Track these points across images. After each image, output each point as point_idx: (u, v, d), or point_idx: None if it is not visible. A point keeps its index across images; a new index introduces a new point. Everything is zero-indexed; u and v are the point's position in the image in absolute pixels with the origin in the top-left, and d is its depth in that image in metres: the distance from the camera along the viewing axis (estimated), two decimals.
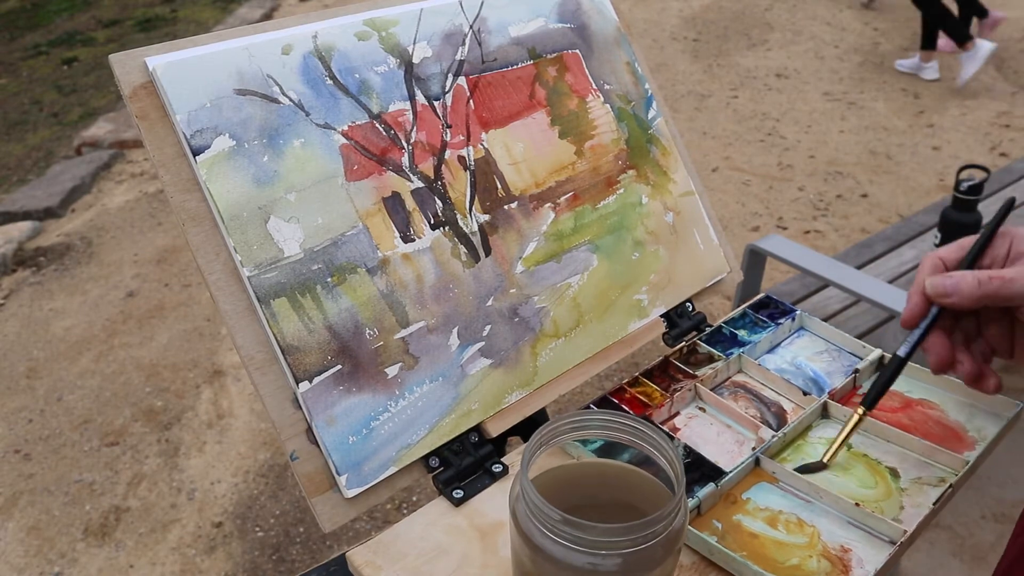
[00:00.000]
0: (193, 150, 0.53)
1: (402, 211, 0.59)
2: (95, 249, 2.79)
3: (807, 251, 1.49)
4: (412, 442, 0.56)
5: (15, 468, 1.90)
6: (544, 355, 0.63)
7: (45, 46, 4.92)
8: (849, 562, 0.52)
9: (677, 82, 3.79)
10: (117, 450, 1.93)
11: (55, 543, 1.69)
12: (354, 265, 0.57)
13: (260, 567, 1.61)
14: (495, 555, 0.53)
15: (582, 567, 0.41)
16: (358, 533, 1.64)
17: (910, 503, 0.56)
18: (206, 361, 2.20)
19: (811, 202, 2.82)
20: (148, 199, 3.10)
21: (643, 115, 0.74)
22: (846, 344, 0.72)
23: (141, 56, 0.53)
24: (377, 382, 0.56)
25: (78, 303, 2.49)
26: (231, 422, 1.98)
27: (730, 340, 0.72)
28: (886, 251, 1.76)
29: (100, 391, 2.12)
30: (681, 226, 0.74)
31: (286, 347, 0.53)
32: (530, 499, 0.42)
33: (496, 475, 0.59)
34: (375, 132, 0.60)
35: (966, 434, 0.62)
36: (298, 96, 0.57)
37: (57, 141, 3.64)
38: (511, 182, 0.65)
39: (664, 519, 0.41)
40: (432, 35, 0.64)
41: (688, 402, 0.66)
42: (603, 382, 1.88)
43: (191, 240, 0.52)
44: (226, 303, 0.52)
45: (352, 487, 0.54)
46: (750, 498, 0.57)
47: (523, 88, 0.68)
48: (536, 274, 0.64)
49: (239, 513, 1.73)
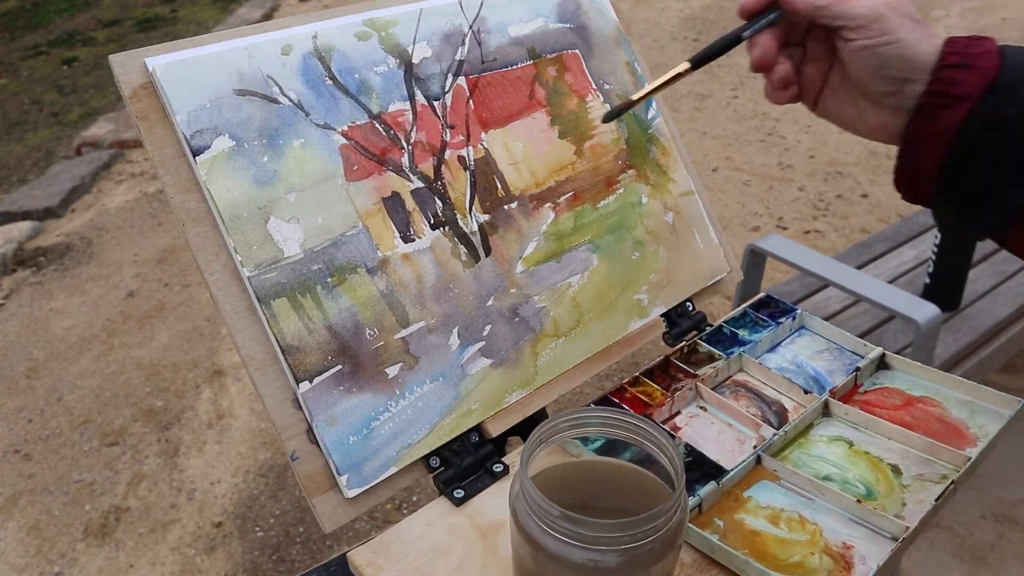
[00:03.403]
0: (193, 150, 0.53)
1: (402, 211, 0.59)
2: (95, 249, 2.79)
3: (807, 251, 1.49)
4: (413, 442, 0.56)
5: (15, 468, 1.90)
6: (544, 355, 0.63)
7: (45, 46, 4.92)
8: (851, 559, 0.52)
9: (677, 82, 3.80)
10: (117, 450, 1.93)
11: (55, 543, 1.69)
12: (354, 265, 0.57)
13: (260, 567, 1.61)
14: (496, 555, 0.53)
15: (582, 563, 0.41)
16: (358, 533, 1.64)
17: (912, 500, 0.56)
18: (206, 361, 2.20)
19: (811, 202, 2.82)
20: (148, 199, 3.10)
21: (643, 115, 0.74)
22: (847, 343, 0.72)
23: (141, 56, 0.53)
24: (377, 382, 0.56)
25: (78, 303, 2.49)
26: (231, 422, 1.98)
27: (731, 339, 0.72)
28: (886, 251, 1.76)
29: (100, 391, 2.12)
30: (681, 226, 0.74)
31: (286, 347, 0.53)
32: (530, 496, 0.42)
33: (497, 475, 0.59)
34: (375, 132, 0.60)
35: (968, 431, 0.62)
36: (298, 96, 0.57)
37: (57, 141, 3.64)
38: (511, 182, 0.65)
39: (664, 515, 0.41)
40: (432, 35, 0.64)
41: (689, 401, 0.66)
42: (603, 382, 1.88)
43: (191, 240, 0.52)
44: (226, 303, 0.52)
45: (352, 487, 0.54)
46: (752, 496, 0.57)
47: (523, 88, 0.68)
48: (536, 274, 0.64)
49: (239, 513, 1.73)
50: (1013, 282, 1.65)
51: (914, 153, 0.49)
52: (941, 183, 0.48)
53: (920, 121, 0.47)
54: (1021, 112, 0.44)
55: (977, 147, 0.46)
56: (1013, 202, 0.46)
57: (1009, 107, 0.44)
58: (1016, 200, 0.46)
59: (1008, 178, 0.46)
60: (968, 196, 0.47)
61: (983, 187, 0.46)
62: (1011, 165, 0.45)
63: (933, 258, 1.53)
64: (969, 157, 0.46)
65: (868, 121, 0.52)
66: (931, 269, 1.54)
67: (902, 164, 0.50)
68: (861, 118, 0.52)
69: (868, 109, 0.51)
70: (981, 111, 0.45)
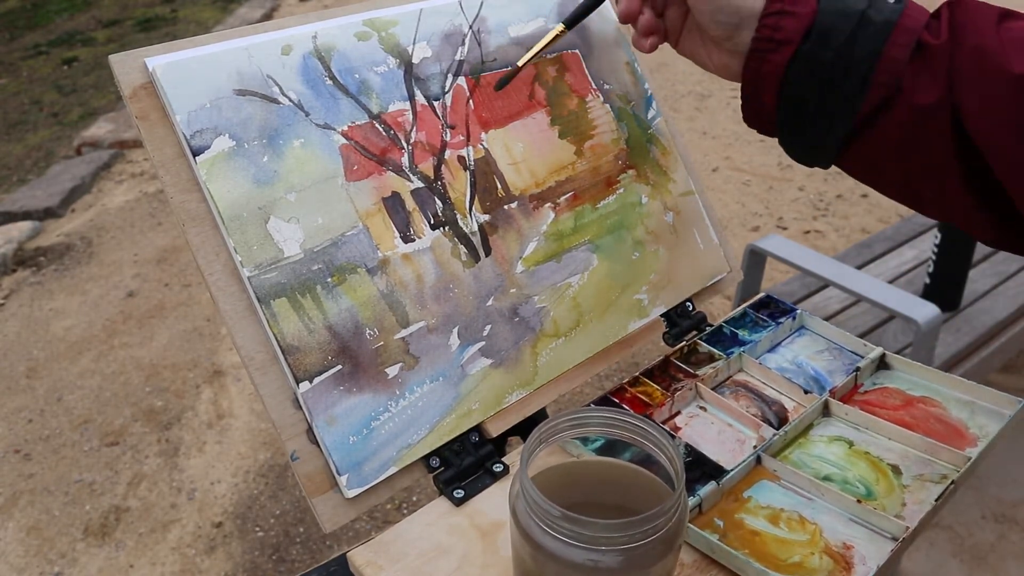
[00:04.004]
0: (193, 150, 0.53)
1: (402, 211, 0.59)
2: (95, 249, 2.79)
3: (807, 251, 1.49)
4: (412, 442, 0.56)
5: (15, 468, 1.90)
6: (544, 355, 0.63)
7: (45, 46, 4.92)
8: (851, 559, 0.52)
9: (677, 82, 3.79)
10: (117, 450, 1.93)
11: (55, 543, 1.69)
12: (354, 265, 0.57)
13: (260, 567, 1.61)
14: (496, 555, 0.53)
15: (582, 563, 0.41)
16: (358, 533, 1.64)
17: (912, 500, 0.56)
18: (206, 361, 2.20)
19: (811, 202, 2.82)
20: (148, 199, 3.10)
21: (643, 115, 0.74)
22: (847, 343, 0.72)
23: (141, 56, 0.53)
24: (377, 382, 0.56)
25: (78, 303, 2.49)
26: (231, 422, 1.98)
27: (731, 339, 0.72)
28: (886, 251, 1.76)
29: (100, 391, 2.12)
30: (681, 226, 0.74)
31: (286, 347, 0.53)
32: (530, 496, 0.42)
33: (497, 475, 0.59)
34: (375, 132, 0.60)
35: (968, 431, 0.62)
36: (298, 96, 0.57)
37: (57, 141, 3.64)
38: (511, 182, 0.65)
39: (664, 515, 0.41)
40: (432, 35, 0.64)
41: (689, 401, 0.66)
42: (603, 382, 1.88)
43: (191, 240, 0.52)
44: (226, 303, 0.52)
45: (352, 487, 0.54)
46: (751, 496, 0.57)
47: (523, 88, 0.68)
48: (536, 274, 0.64)
49: (239, 513, 1.73)
50: (1013, 282, 1.65)
51: (752, 92, 0.54)
52: (779, 120, 0.53)
53: (752, 63, 0.53)
54: (837, 55, 0.49)
55: (802, 87, 0.51)
56: (839, 133, 0.51)
57: (825, 50, 0.49)
58: (842, 131, 0.50)
59: (830, 114, 0.50)
60: (801, 130, 0.53)
61: (813, 122, 0.51)
62: (831, 102, 0.50)
63: (933, 258, 1.53)
64: (797, 96, 0.51)
65: (715, 61, 0.57)
66: (931, 269, 1.54)
67: (745, 102, 0.55)
68: (710, 58, 0.58)
69: (713, 50, 0.57)
70: (801, 54, 0.50)
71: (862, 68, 0.48)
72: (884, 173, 0.52)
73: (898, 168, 0.51)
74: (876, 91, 0.48)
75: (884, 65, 0.48)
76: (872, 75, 0.48)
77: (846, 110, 0.50)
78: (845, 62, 0.48)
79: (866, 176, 0.54)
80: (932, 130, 0.47)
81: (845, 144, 0.52)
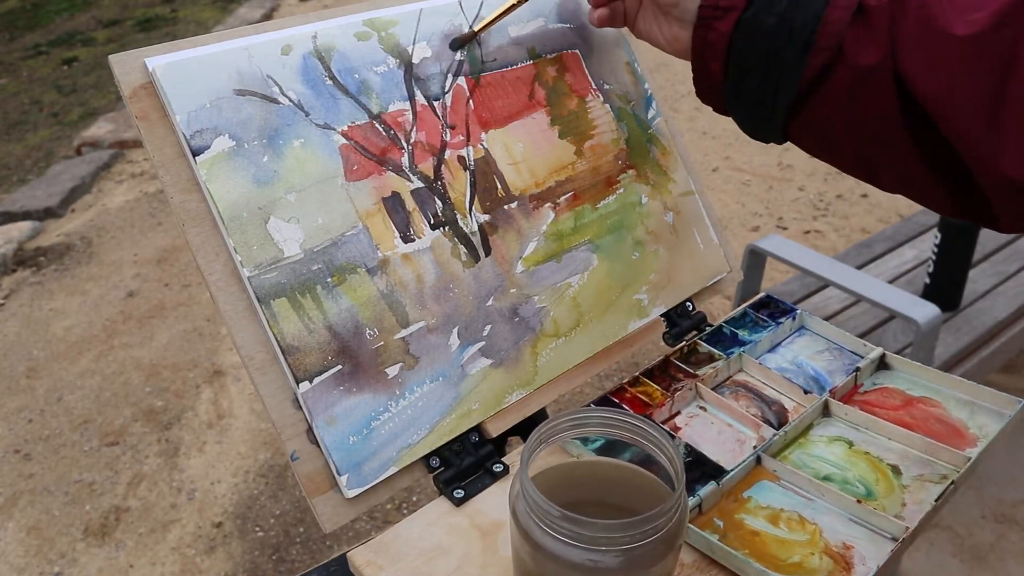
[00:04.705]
0: (193, 150, 0.53)
1: (402, 211, 0.59)
2: (95, 249, 2.79)
3: (807, 251, 1.49)
4: (412, 442, 0.56)
5: (15, 468, 1.90)
6: (544, 355, 0.63)
7: (45, 46, 4.92)
8: (851, 559, 0.52)
9: (677, 82, 3.79)
10: (117, 450, 1.93)
11: (55, 543, 1.69)
12: (354, 265, 0.57)
13: (260, 567, 1.61)
14: (496, 555, 0.53)
15: (582, 564, 0.41)
16: (358, 533, 1.64)
17: (912, 500, 0.56)
18: (206, 361, 2.20)
19: (811, 202, 2.82)
20: (148, 199, 3.10)
21: (643, 115, 0.74)
22: (847, 343, 0.72)
23: (141, 56, 0.53)
24: (377, 382, 0.56)
25: (78, 303, 2.49)
26: (231, 422, 1.98)
27: (731, 339, 0.72)
28: (886, 251, 1.76)
29: (100, 391, 2.12)
30: (681, 226, 0.74)
31: (286, 347, 0.53)
32: (530, 496, 0.42)
33: (497, 475, 0.59)
34: (375, 132, 0.60)
35: (968, 431, 0.62)
36: (298, 96, 0.57)
37: (57, 141, 3.64)
38: (511, 182, 0.65)
39: (664, 515, 0.41)
40: (432, 35, 0.64)
41: (689, 401, 0.66)
42: (603, 382, 1.88)
43: (191, 240, 0.52)
44: (226, 303, 0.52)
45: (352, 487, 0.54)
46: (751, 496, 0.57)
47: (523, 88, 0.68)
48: (536, 274, 0.64)
49: (239, 513, 1.73)
50: (1013, 282, 1.65)
51: (700, 62, 0.54)
52: (726, 90, 0.54)
53: (699, 32, 0.53)
54: (780, 20, 0.49)
55: (747, 55, 0.51)
56: (785, 100, 0.51)
57: (768, 16, 0.49)
58: (787, 97, 0.51)
59: (775, 80, 0.51)
60: (749, 99, 0.53)
61: (760, 90, 0.52)
62: (775, 68, 0.50)
63: (933, 258, 1.53)
64: (742, 63, 0.52)
65: (665, 34, 0.58)
66: (931, 269, 1.54)
67: (696, 74, 0.55)
68: (661, 32, 0.59)
69: (664, 23, 0.58)
70: (745, 20, 0.50)
71: (804, 32, 0.48)
72: (834, 143, 0.52)
73: (847, 135, 0.51)
74: (818, 55, 0.49)
75: (826, 28, 0.48)
76: (814, 38, 0.48)
77: (790, 75, 0.50)
78: (788, 26, 0.49)
79: (818, 147, 0.54)
80: (875, 90, 0.48)
81: (792, 114, 0.52)
